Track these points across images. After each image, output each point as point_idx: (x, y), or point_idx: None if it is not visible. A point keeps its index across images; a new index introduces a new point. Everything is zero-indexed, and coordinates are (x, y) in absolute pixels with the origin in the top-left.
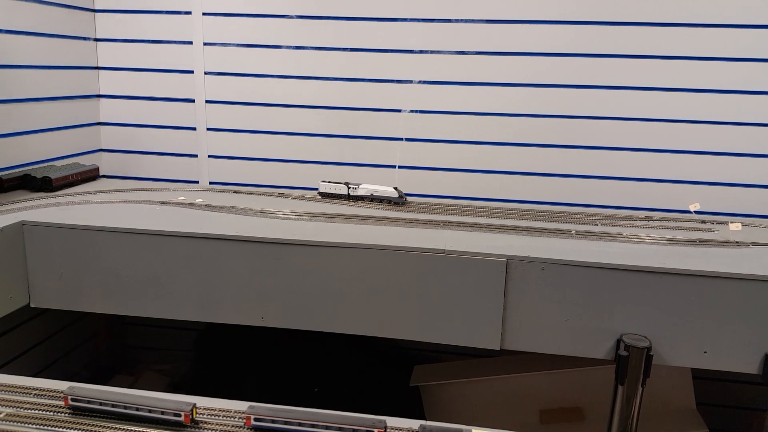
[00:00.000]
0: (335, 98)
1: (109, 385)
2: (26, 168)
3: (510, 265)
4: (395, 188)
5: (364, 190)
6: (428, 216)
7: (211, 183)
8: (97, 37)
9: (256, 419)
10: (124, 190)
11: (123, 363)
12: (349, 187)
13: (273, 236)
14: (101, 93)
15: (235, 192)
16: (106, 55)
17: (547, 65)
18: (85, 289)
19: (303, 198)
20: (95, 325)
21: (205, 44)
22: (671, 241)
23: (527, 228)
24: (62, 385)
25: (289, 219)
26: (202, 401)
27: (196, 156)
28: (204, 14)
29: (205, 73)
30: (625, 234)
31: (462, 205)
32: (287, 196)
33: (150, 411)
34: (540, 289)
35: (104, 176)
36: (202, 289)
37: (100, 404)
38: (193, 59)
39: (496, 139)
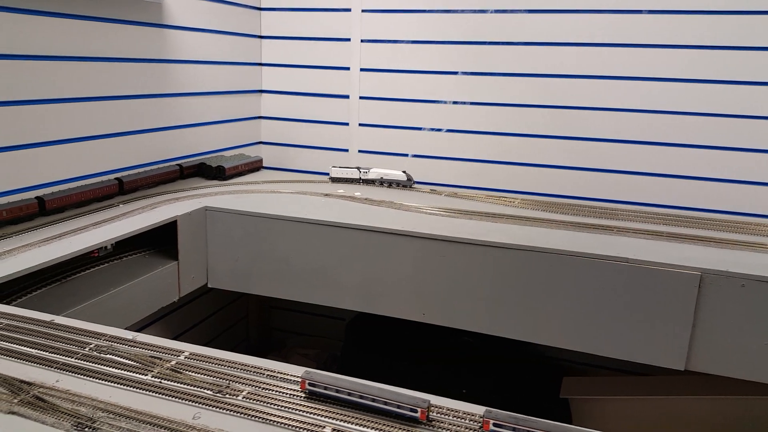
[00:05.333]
0: (490, 95)
1: None
2: (199, 157)
3: (704, 279)
4: (404, 171)
5: (374, 174)
6: (601, 221)
7: None
8: (262, 34)
9: (495, 425)
10: (288, 181)
11: (269, 344)
12: (360, 171)
13: (438, 233)
14: (263, 88)
15: (388, 186)
16: (269, 51)
17: (736, 60)
18: (257, 274)
19: (456, 195)
20: (247, 307)
21: (362, 41)
22: None
23: (717, 239)
24: (296, 370)
25: (448, 216)
26: (433, 399)
27: (347, 150)
28: (363, 11)
29: (361, 70)
30: None
31: (638, 211)
32: (440, 193)
33: (386, 403)
34: (737, 307)
35: (263, 167)
36: (366, 281)
37: (337, 391)
38: (350, 56)
39: (671, 140)
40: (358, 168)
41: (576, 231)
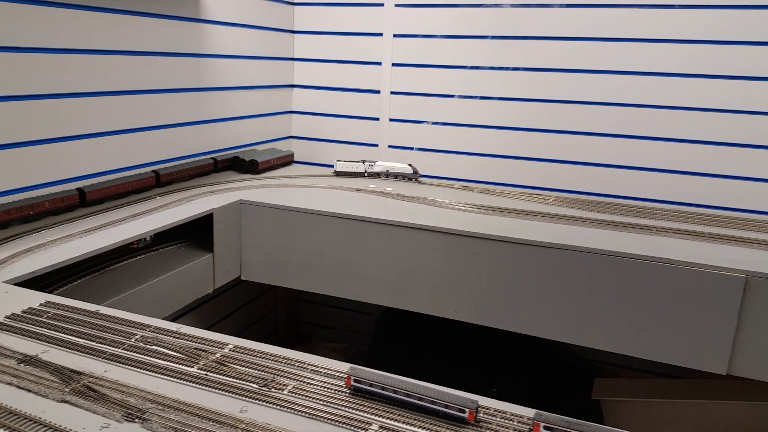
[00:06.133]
0: (525, 90)
1: None
2: (232, 151)
3: (749, 282)
4: (410, 165)
5: (380, 167)
6: (639, 220)
7: None
8: (294, 29)
9: (546, 428)
10: (319, 176)
11: (297, 336)
12: (366, 165)
13: (472, 230)
14: (295, 83)
15: (419, 182)
16: (301, 46)
17: None
18: (290, 267)
19: (488, 192)
20: (276, 299)
21: (395, 36)
22: None
23: (763, 241)
24: (341, 366)
25: (481, 213)
26: (481, 400)
27: (377, 146)
28: (396, 6)
29: (393, 65)
30: None
31: (677, 211)
32: (472, 190)
33: (433, 402)
34: None
35: (294, 161)
36: (398, 277)
37: (382, 389)
38: (382, 51)
39: (712, 138)
40: (363, 161)
41: (613, 230)
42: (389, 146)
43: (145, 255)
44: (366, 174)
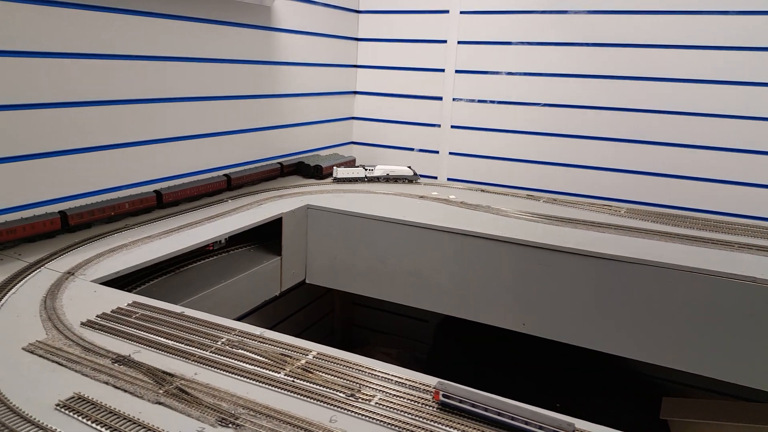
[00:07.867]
0: (595, 98)
1: None
2: (297, 156)
3: None
4: (409, 167)
5: (380, 170)
6: (718, 235)
7: (448, 179)
8: (359, 36)
9: None
10: (381, 182)
11: (351, 340)
12: (366, 170)
13: (543, 241)
14: (357, 90)
15: (482, 191)
16: (365, 53)
17: None
18: (353, 272)
19: (555, 202)
20: (333, 302)
21: (459, 42)
22: None
23: None
24: (426, 379)
25: (549, 224)
26: (578, 423)
27: (437, 152)
28: (461, 12)
29: (456, 72)
30: None
31: (759, 227)
32: (537, 199)
33: (527, 423)
34: None
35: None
36: (463, 286)
37: (472, 405)
38: (446, 57)
39: None
40: (363, 166)
41: (691, 245)
42: (450, 153)
43: (217, 257)
44: (366, 179)
